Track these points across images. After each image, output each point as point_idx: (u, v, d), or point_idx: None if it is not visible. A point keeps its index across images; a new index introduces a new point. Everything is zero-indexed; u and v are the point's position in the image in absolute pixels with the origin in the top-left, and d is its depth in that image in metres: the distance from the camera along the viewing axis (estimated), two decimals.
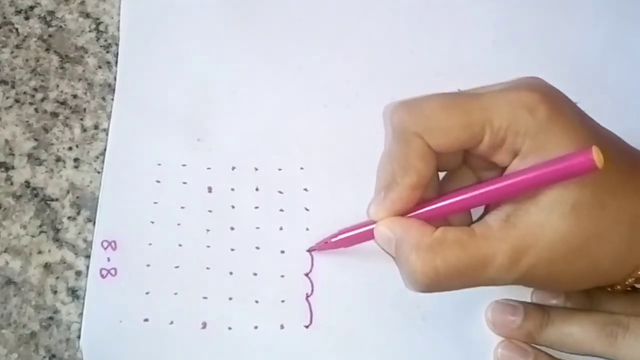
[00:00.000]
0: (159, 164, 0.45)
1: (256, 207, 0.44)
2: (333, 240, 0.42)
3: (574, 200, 0.34)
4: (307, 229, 0.44)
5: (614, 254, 0.36)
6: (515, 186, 0.35)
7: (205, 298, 0.42)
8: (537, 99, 0.35)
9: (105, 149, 0.45)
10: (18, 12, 0.49)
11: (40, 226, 0.44)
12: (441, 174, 0.40)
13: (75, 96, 0.47)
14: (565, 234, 0.34)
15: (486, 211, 0.37)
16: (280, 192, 0.45)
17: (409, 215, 0.37)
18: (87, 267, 0.43)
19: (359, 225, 0.40)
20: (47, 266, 0.43)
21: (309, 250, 0.43)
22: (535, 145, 0.35)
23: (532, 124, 0.35)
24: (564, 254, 0.35)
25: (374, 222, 0.38)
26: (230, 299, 0.42)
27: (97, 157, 0.45)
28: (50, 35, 0.48)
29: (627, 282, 0.38)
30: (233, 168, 0.45)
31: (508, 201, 0.35)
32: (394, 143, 0.37)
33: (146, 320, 0.41)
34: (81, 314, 0.42)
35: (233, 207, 0.44)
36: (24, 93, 0.47)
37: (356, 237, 0.40)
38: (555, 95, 0.36)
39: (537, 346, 0.41)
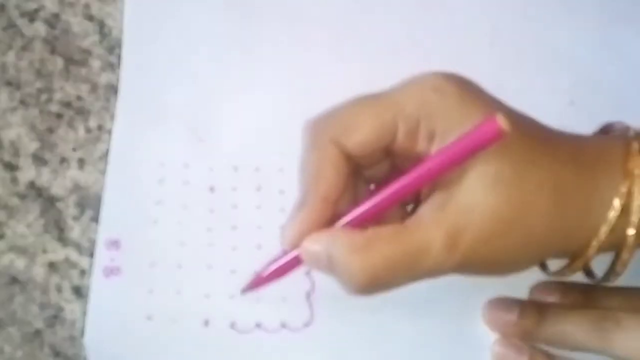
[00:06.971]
0: (162, 164, 0.45)
1: (257, 207, 0.45)
2: (265, 274, 0.38)
3: (494, 173, 0.34)
4: None
5: (545, 220, 0.35)
6: (430, 169, 0.34)
7: (207, 296, 0.43)
8: (444, 79, 0.35)
9: (108, 150, 0.46)
10: (23, 15, 0.49)
11: (45, 225, 0.44)
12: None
13: (79, 97, 0.47)
14: (493, 208, 0.34)
15: (418, 204, 0.36)
16: (282, 192, 0.45)
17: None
18: (91, 266, 0.43)
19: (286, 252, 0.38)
20: (51, 265, 0.43)
21: (242, 292, 0.38)
22: (449, 125, 0.34)
23: (442, 103, 0.35)
24: (496, 228, 0.34)
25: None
26: (232, 297, 0.43)
27: (101, 158, 0.46)
28: (55, 38, 0.48)
29: (588, 254, 0.36)
30: (235, 168, 0.46)
31: (437, 190, 0.35)
32: (306, 152, 0.36)
33: (149, 318, 0.42)
34: (85, 312, 0.42)
35: (235, 206, 0.45)
36: (29, 95, 0.47)
37: (288, 264, 0.37)
38: (462, 78, 0.36)
39: (533, 344, 0.41)
